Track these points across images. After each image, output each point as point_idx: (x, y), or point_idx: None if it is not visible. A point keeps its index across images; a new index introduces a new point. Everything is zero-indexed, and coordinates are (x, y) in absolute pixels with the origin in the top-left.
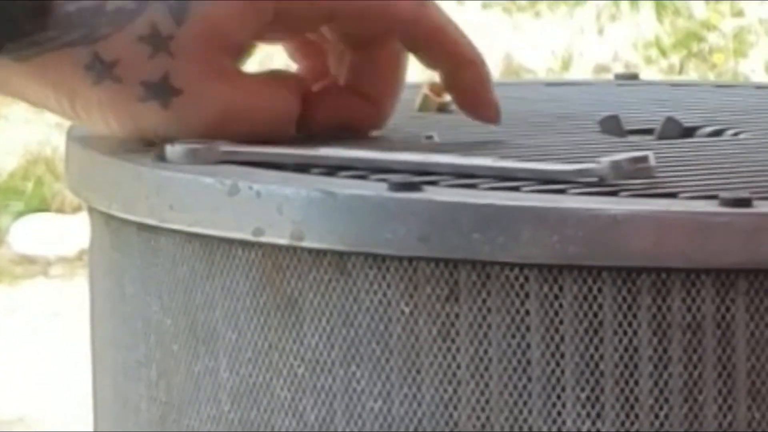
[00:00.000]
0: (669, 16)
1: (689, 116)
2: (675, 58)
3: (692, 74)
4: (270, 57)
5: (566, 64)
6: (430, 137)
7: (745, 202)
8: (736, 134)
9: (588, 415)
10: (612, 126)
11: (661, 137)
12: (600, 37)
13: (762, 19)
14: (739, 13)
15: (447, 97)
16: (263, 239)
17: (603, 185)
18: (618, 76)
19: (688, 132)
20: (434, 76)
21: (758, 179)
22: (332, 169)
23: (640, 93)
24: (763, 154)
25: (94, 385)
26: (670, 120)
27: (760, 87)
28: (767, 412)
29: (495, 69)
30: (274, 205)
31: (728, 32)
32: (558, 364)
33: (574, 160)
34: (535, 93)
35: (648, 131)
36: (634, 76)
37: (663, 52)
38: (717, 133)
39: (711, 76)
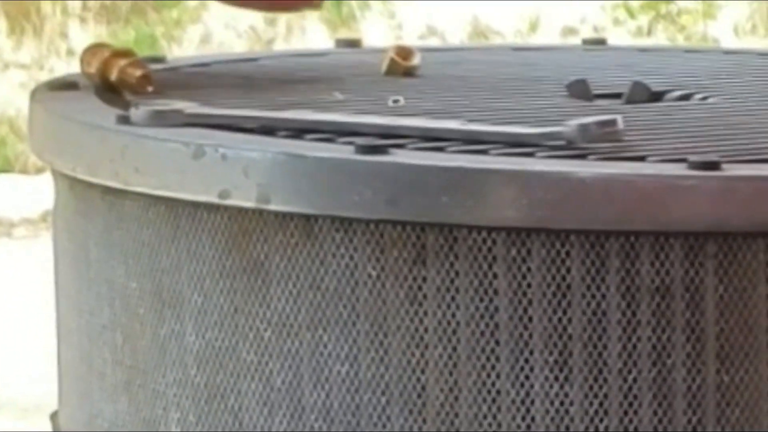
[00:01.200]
0: None
1: (657, 81)
2: (643, 20)
3: (660, 36)
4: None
5: (534, 27)
6: (396, 101)
7: (714, 166)
8: (704, 98)
9: (556, 378)
10: (580, 90)
11: (629, 101)
12: (567, 1)
13: None
14: None
15: (414, 61)
16: (229, 202)
17: (571, 148)
18: (586, 41)
19: (656, 96)
20: (401, 42)
21: (727, 143)
22: (298, 131)
23: (607, 58)
24: (732, 118)
25: (59, 350)
26: (637, 84)
27: (728, 52)
28: (736, 375)
29: (462, 31)
30: (240, 167)
31: None
32: (526, 327)
33: (542, 123)
34: (503, 57)
35: (616, 95)
36: (601, 41)
37: (631, 14)
38: (685, 98)
39: (680, 39)
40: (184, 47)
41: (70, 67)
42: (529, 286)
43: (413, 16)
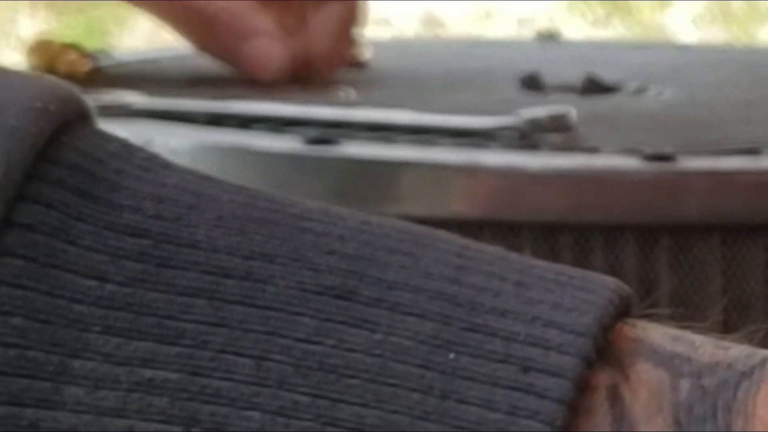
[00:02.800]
0: None
1: (611, 74)
2: (600, 11)
3: (618, 27)
4: None
5: (488, 16)
6: (346, 93)
7: (669, 158)
8: (659, 92)
9: None
10: (533, 83)
11: (582, 94)
12: None
13: None
14: None
15: (364, 54)
16: None
17: (523, 140)
18: (539, 34)
19: (610, 89)
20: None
21: (682, 135)
22: (246, 122)
23: (561, 51)
24: (687, 111)
25: None
26: (591, 77)
27: (682, 46)
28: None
29: (416, 21)
30: (188, 159)
31: None
32: None
33: (494, 115)
34: (455, 51)
35: (570, 88)
36: (555, 34)
37: (588, 4)
38: (640, 91)
39: (637, 29)
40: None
41: (19, 57)
42: None
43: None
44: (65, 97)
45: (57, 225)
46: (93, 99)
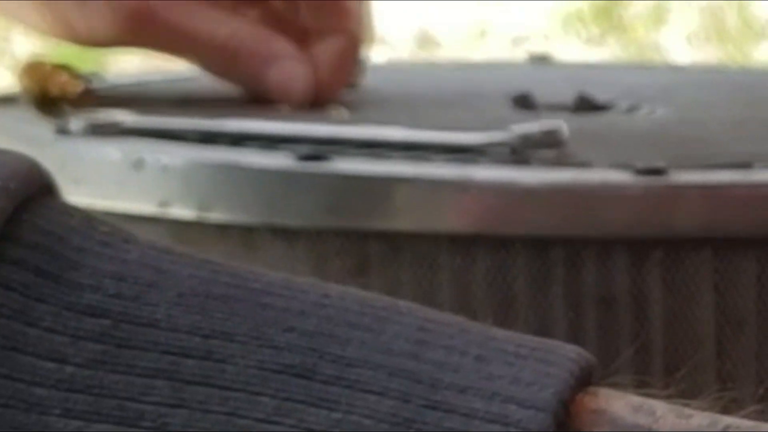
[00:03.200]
0: None
1: (603, 94)
2: (595, 30)
3: (612, 46)
4: None
5: (483, 35)
6: (339, 113)
7: (661, 172)
8: (651, 111)
9: None
10: (524, 102)
11: (574, 113)
12: (518, 8)
13: None
14: None
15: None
16: (169, 213)
17: (515, 156)
18: (532, 56)
19: (603, 108)
20: None
21: (674, 151)
22: (238, 140)
23: (554, 72)
24: (680, 129)
25: None
26: (583, 96)
27: (675, 67)
28: (684, 386)
29: (409, 40)
30: (180, 177)
31: (649, 3)
32: None
33: (486, 131)
34: (447, 72)
35: (561, 108)
36: (547, 56)
37: (583, 23)
38: (632, 109)
39: (632, 48)
40: (129, 59)
41: (13, 76)
42: (473, 294)
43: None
44: (27, 172)
45: (16, 307)
46: (84, 117)
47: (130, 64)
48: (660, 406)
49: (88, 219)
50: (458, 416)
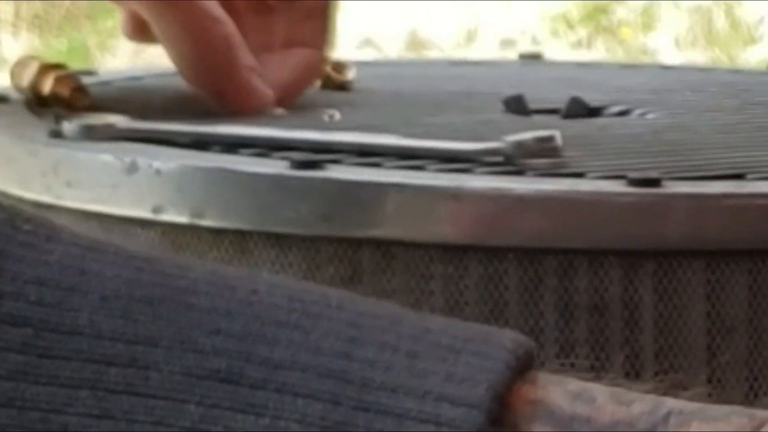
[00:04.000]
0: None
1: (595, 96)
2: (583, 32)
3: (600, 49)
4: None
5: (471, 38)
6: (331, 115)
7: (654, 182)
8: (643, 114)
9: None
10: (516, 105)
11: (566, 117)
12: (506, 10)
13: None
14: None
15: (348, 76)
16: (163, 217)
17: (509, 164)
18: (522, 56)
19: (594, 112)
20: (337, 57)
21: (667, 159)
22: (232, 146)
23: (544, 73)
24: (671, 134)
25: None
26: (575, 100)
27: (666, 67)
28: (675, 395)
29: (400, 41)
30: (173, 182)
31: (637, 6)
32: None
33: (479, 139)
34: (438, 72)
35: (553, 111)
36: (538, 56)
37: (570, 26)
38: (624, 113)
39: (619, 51)
40: (118, 57)
41: (2, 77)
42: (465, 303)
43: (350, 25)
44: None
45: None
46: (78, 120)
47: (121, 61)
48: (600, 392)
49: (11, 217)
50: (390, 417)
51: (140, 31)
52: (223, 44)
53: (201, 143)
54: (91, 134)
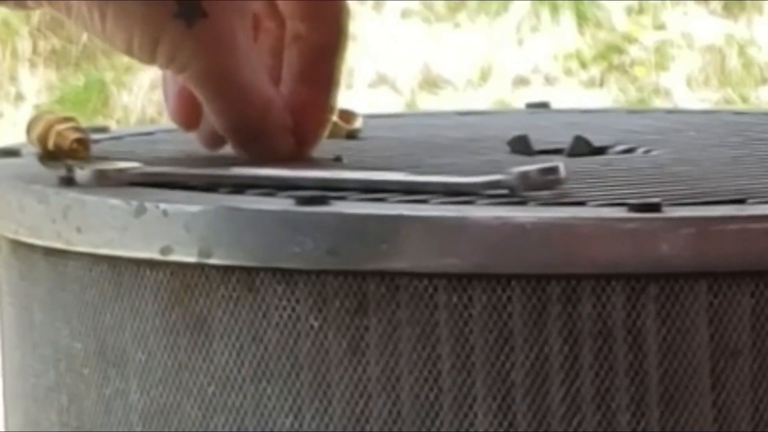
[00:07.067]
0: (590, 28)
1: (600, 137)
2: (595, 71)
3: (612, 88)
4: None
5: (485, 76)
6: (338, 159)
7: (655, 207)
8: (647, 152)
9: (500, 425)
10: (521, 146)
11: (570, 155)
12: (520, 49)
13: (684, 33)
14: (660, 27)
15: (356, 124)
16: (171, 258)
17: (512, 196)
18: (529, 105)
19: (599, 151)
20: (342, 105)
21: (669, 188)
22: (240, 187)
23: (550, 118)
24: (675, 167)
25: (6, 415)
26: (579, 138)
27: (671, 111)
28: (680, 418)
29: (413, 80)
30: (181, 223)
31: (650, 45)
32: (469, 374)
33: (483, 174)
34: (446, 121)
35: (557, 151)
36: (544, 104)
37: (583, 65)
38: (628, 151)
39: (632, 90)
40: (134, 93)
41: (18, 112)
42: (471, 332)
43: (364, 63)
44: None
45: None
46: (89, 167)
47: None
48: None
49: None
50: None
51: (195, 116)
52: (264, 111)
53: (209, 186)
54: (103, 180)
